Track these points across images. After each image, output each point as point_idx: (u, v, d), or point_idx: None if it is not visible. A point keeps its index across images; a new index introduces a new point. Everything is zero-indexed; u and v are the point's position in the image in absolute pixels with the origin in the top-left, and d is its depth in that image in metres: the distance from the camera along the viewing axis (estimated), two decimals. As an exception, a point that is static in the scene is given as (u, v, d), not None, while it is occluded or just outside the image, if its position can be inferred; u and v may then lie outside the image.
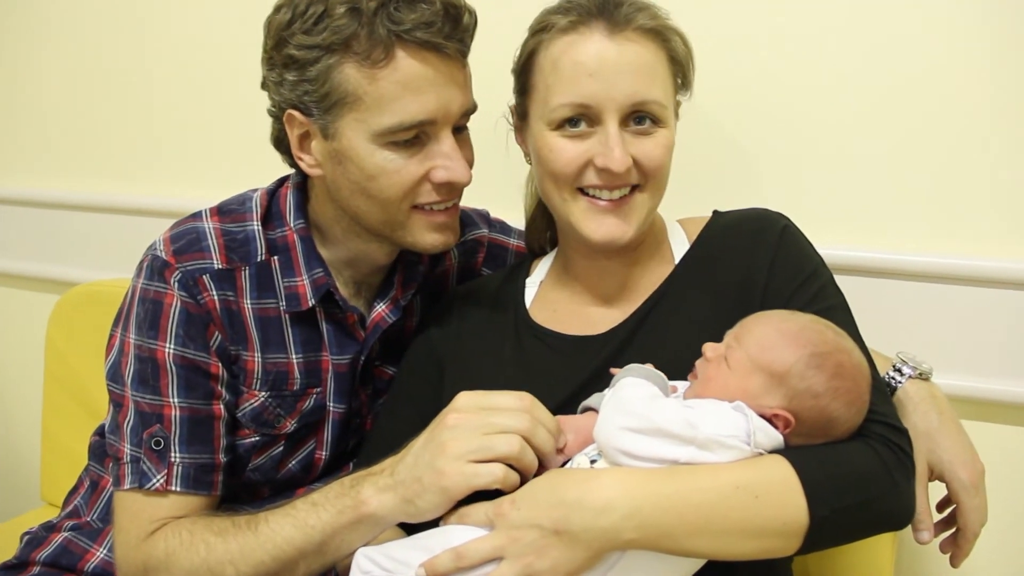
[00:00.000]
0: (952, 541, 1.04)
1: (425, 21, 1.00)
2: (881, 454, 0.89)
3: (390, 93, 1.01)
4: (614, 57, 1.01)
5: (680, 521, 0.84)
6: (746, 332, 0.93)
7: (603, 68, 1.01)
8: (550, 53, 1.04)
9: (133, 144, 1.89)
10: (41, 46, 1.95)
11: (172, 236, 1.13)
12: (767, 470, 0.86)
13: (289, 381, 1.15)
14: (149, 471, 1.07)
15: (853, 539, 0.92)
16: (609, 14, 1.02)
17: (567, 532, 0.85)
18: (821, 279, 1.04)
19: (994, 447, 1.10)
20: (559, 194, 1.06)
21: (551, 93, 1.03)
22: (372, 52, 1.00)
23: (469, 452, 0.90)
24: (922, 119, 1.32)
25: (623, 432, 0.87)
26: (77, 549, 1.23)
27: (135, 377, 1.09)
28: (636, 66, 1.02)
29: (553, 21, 1.04)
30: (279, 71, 1.05)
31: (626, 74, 1.01)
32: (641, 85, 1.01)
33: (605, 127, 1.02)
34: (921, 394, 1.06)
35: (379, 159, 1.04)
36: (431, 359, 1.16)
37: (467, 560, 0.87)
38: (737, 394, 0.89)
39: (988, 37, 1.27)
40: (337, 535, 0.98)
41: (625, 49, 1.01)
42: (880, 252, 1.35)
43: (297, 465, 1.20)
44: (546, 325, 1.12)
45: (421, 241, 1.11)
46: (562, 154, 1.03)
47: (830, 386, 0.89)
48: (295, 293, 1.14)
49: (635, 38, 1.02)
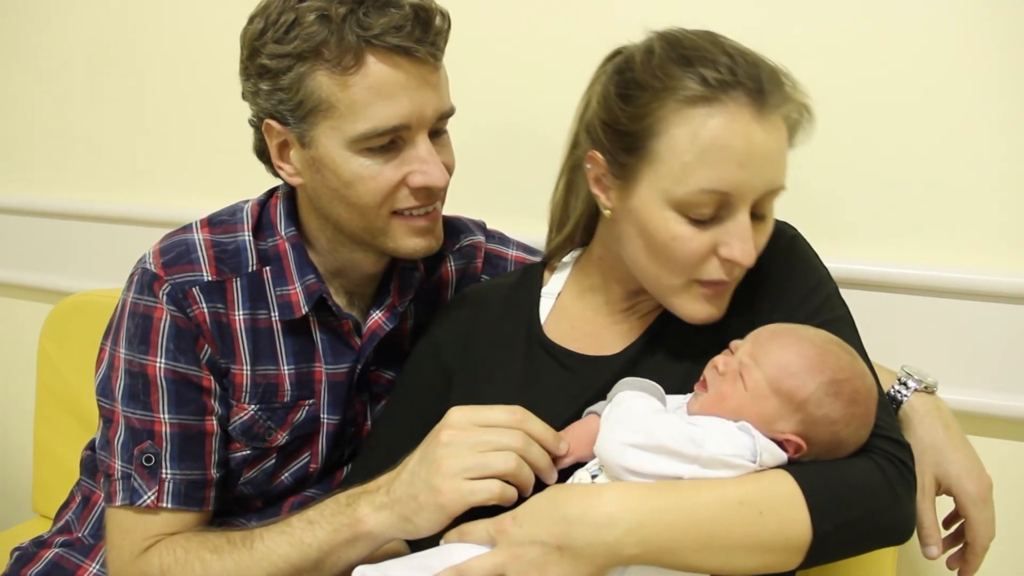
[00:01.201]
0: (960, 556, 1.02)
1: (395, 25, 0.99)
2: (884, 468, 0.88)
3: (362, 99, 1.00)
4: (761, 144, 0.91)
5: (683, 536, 0.83)
6: (763, 352, 0.90)
7: (752, 157, 0.91)
8: (688, 126, 0.91)
9: (126, 153, 1.88)
10: (33, 55, 1.94)
11: (162, 248, 1.12)
12: (771, 486, 0.85)
13: (279, 393, 1.13)
14: (140, 488, 1.06)
15: (853, 554, 0.90)
16: (761, 93, 0.91)
17: (569, 548, 0.83)
18: (827, 290, 1.02)
19: (993, 461, 1.09)
20: (669, 278, 0.97)
21: (688, 174, 0.91)
22: (343, 59, 0.99)
23: (465, 470, 0.89)
24: (922, 132, 1.31)
25: (626, 448, 0.86)
26: (69, 565, 1.22)
27: (125, 392, 1.08)
28: (777, 153, 0.93)
29: (685, 84, 0.91)
30: (254, 81, 1.05)
31: (770, 162, 0.93)
32: (779, 173, 0.94)
33: (736, 219, 0.93)
34: (927, 407, 1.05)
35: (355, 166, 1.03)
36: (438, 367, 1.13)
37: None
38: (751, 417, 0.88)
39: (991, 48, 1.27)
40: (334, 552, 0.97)
41: (771, 136, 0.92)
42: (880, 265, 1.34)
43: (290, 478, 1.18)
44: (560, 342, 1.08)
45: (403, 247, 1.09)
46: (688, 243, 0.93)
47: (846, 413, 0.87)
48: (288, 301, 1.12)
49: (779, 123, 0.93)
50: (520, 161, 1.55)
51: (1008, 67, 1.26)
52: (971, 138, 1.28)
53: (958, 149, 1.29)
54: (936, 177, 1.31)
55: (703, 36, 0.96)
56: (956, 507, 1.02)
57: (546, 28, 1.50)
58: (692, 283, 0.97)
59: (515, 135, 1.55)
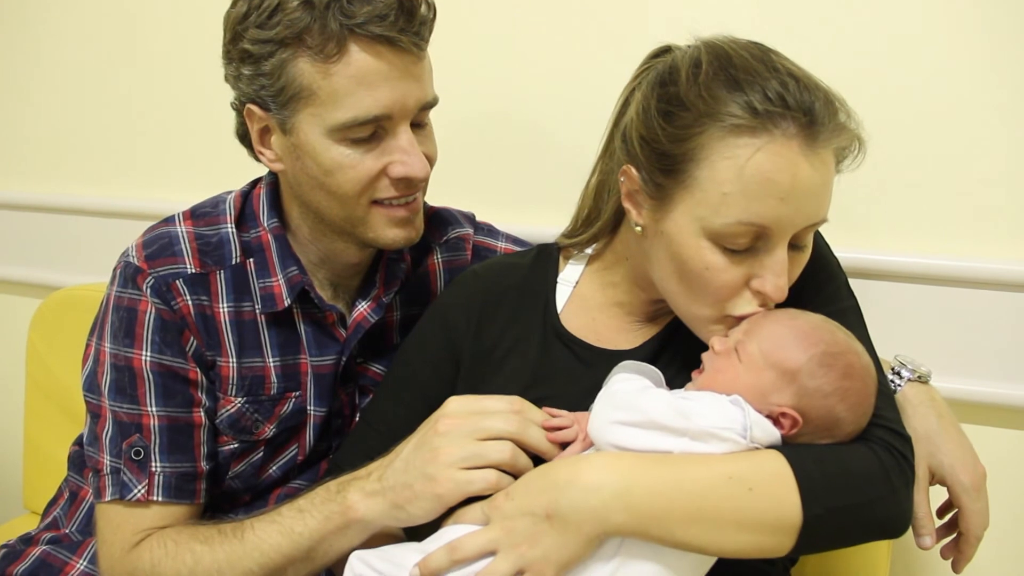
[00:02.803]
0: (954, 546, 1.02)
1: (378, 14, 0.98)
2: (882, 458, 0.87)
3: (344, 88, 0.99)
4: (807, 179, 0.87)
5: (671, 506, 0.82)
6: (757, 327, 0.90)
7: (796, 192, 0.87)
8: (732, 158, 0.86)
9: (115, 147, 1.87)
10: (20, 50, 1.92)
11: (144, 241, 1.11)
12: (761, 463, 0.84)
13: (266, 385, 1.13)
14: (130, 482, 1.05)
15: (848, 543, 0.89)
16: (813, 125, 0.86)
17: (558, 515, 0.83)
18: (837, 281, 1.02)
19: (994, 450, 1.09)
20: (701, 308, 0.94)
21: (728, 205, 0.87)
22: (325, 46, 0.98)
23: (462, 459, 0.90)
24: (922, 120, 1.31)
25: (615, 426, 0.86)
26: (56, 562, 1.20)
27: (112, 387, 1.07)
28: (823, 186, 0.89)
29: (732, 110, 0.86)
30: (236, 65, 1.04)
31: (815, 197, 0.89)
32: (823, 207, 0.90)
33: (773, 253, 0.90)
34: (920, 397, 1.05)
35: (335, 154, 1.02)
36: (448, 350, 1.10)
37: (461, 553, 0.86)
38: (747, 390, 0.87)
39: (989, 43, 1.27)
40: (325, 540, 0.97)
41: (817, 172, 0.87)
42: (879, 254, 1.34)
43: (279, 471, 1.18)
44: (578, 334, 1.06)
45: (382, 237, 1.09)
46: (721, 274, 0.90)
47: (839, 386, 0.87)
48: (271, 294, 1.12)
49: (827, 157, 0.88)
50: (507, 152, 1.54)
51: (1009, 56, 1.26)
52: (973, 125, 1.28)
53: (959, 136, 1.29)
54: (937, 166, 1.31)
55: (755, 53, 0.91)
56: (949, 497, 1.02)
57: (533, 18, 1.49)
58: (726, 317, 0.93)
59: (503, 125, 1.54)
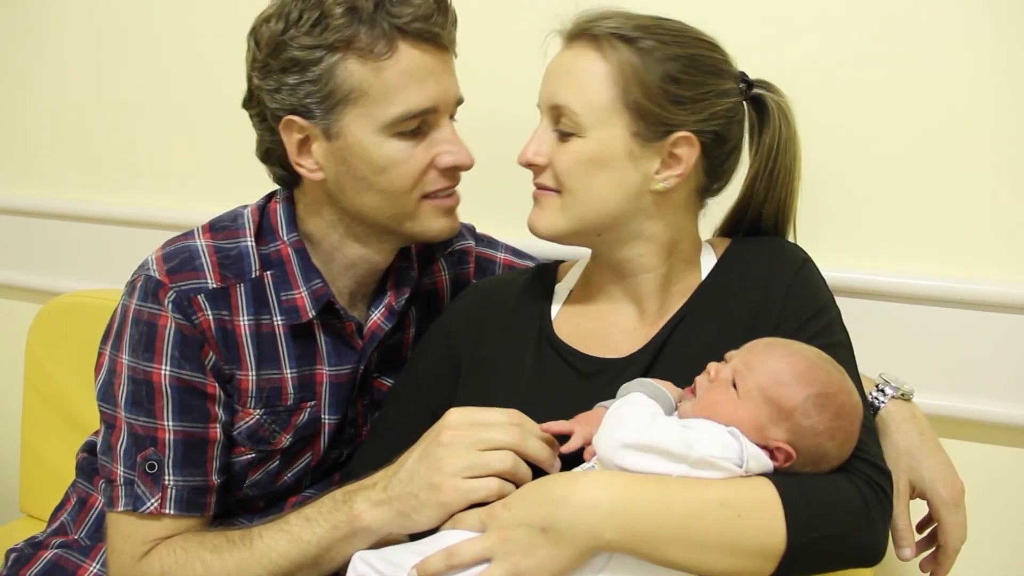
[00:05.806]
0: (932, 559, 1.07)
1: (422, 14, 1.05)
2: (863, 492, 0.91)
3: (395, 83, 1.05)
4: None
5: (662, 527, 0.86)
6: (756, 361, 0.94)
7: None
8: None
9: (117, 153, 1.87)
10: (23, 54, 1.93)
11: (165, 255, 1.13)
12: (753, 491, 0.88)
13: (283, 397, 1.15)
14: (143, 495, 1.07)
15: (825, 570, 0.92)
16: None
17: (553, 529, 0.87)
18: (829, 316, 1.06)
19: (973, 466, 1.13)
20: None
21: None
22: (375, 46, 1.04)
23: (465, 469, 0.93)
24: (921, 138, 1.33)
25: (621, 449, 0.90)
26: (69, 564, 1.23)
27: (129, 399, 1.09)
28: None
29: None
30: (277, 76, 1.07)
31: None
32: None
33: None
34: (903, 414, 1.09)
35: (388, 150, 1.07)
36: (449, 357, 1.16)
37: (458, 559, 0.90)
38: (744, 423, 0.91)
39: (992, 55, 1.29)
40: (332, 548, 1.00)
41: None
42: (863, 273, 1.37)
43: (293, 478, 1.21)
44: (568, 342, 1.11)
45: (430, 229, 1.14)
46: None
47: (830, 425, 0.91)
48: (294, 306, 1.14)
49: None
50: (506, 161, 1.54)
51: (1008, 74, 1.29)
52: (971, 144, 1.31)
53: (957, 156, 1.31)
54: (933, 186, 1.33)
55: None
56: (929, 511, 1.06)
57: (526, 25, 1.49)
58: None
59: (497, 133, 1.54)
